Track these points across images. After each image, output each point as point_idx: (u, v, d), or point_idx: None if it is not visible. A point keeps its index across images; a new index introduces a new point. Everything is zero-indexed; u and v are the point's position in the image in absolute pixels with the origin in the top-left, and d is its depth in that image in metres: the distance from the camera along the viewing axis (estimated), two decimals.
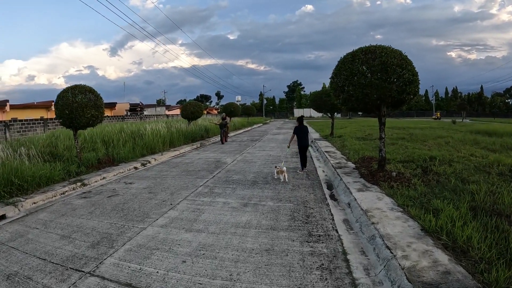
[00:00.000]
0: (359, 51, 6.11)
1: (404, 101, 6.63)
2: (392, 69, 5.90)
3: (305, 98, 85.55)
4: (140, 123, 19.60)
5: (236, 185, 6.90)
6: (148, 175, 8.70)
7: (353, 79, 5.85)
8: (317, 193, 6.16)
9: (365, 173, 7.15)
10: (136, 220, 5.09)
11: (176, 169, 9.21)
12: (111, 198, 6.51)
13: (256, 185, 6.84)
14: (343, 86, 6.09)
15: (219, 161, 10.33)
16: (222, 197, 5.99)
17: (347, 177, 6.96)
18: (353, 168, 7.89)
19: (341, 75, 6.08)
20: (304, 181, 7.12)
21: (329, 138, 15.93)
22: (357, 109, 6.35)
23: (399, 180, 6.43)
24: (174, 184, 7.34)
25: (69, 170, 8.71)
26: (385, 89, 5.76)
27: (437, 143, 12.54)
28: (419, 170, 7.26)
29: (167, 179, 7.96)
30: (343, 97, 6.09)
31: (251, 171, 8.40)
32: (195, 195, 6.29)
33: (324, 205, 5.41)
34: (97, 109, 9.58)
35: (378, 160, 7.26)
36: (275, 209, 5.15)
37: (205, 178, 7.72)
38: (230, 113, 28.40)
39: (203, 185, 7.00)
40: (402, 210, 4.76)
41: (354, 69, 5.87)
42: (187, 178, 7.84)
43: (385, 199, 5.28)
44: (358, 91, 5.80)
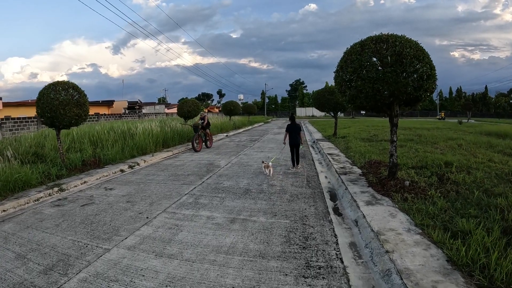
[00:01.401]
0: (368, 40, 5.21)
1: (420, 99, 5.73)
2: (408, 61, 5.01)
3: (308, 97, 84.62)
4: (133, 121, 18.79)
5: (225, 193, 6.04)
6: (132, 179, 7.89)
7: (362, 72, 4.96)
8: (319, 205, 5.28)
9: (373, 181, 6.27)
10: (102, 238, 4.29)
11: (164, 173, 8.38)
12: (84, 208, 5.73)
13: (249, 194, 5.97)
14: (350, 81, 5.19)
15: (212, 163, 9.47)
16: (207, 210, 5.13)
17: (353, 185, 6.08)
18: (359, 175, 7.00)
19: (348, 68, 5.18)
20: (304, 189, 6.25)
21: (332, 139, 15.03)
22: (365, 107, 5.46)
23: (413, 190, 5.56)
24: (157, 191, 6.51)
25: (49, 173, 8.00)
26: (400, 84, 4.87)
27: (449, 145, 11.62)
28: (434, 178, 6.36)
29: (151, 185, 7.13)
30: (350, 93, 5.19)
31: (245, 176, 7.54)
32: (177, 206, 5.45)
33: (326, 222, 4.54)
34: (81, 107, 8.88)
35: (388, 166, 6.37)
36: (267, 228, 4.29)
37: (192, 185, 6.87)
38: (230, 111, 27.54)
39: (189, 194, 6.15)
40: (421, 231, 3.89)
41: (363, 60, 4.97)
42: (173, 184, 7.00)
43: (399, 216, 4.41)
44: (367, 87, 4.91)
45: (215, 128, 21.33)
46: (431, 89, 5.64)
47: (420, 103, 6.23)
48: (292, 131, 8.42)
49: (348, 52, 5.38)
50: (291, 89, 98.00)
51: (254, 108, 38.20)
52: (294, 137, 8.35)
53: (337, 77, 5.58)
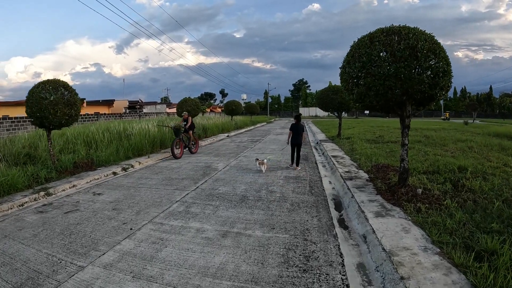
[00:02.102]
0: (378, 32, 4.66)
1: (434, 98, 5.19)
2: (423, 55, 4.46)
3: (311, 97, 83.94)
4: (133, 121, 18.34)
5: (220, 201, 5.53)
6: (124, 183, 7.43)
7: (371, 67, 4.41)
8: (322, 216, 4.75)
9: (382, 188, 5.72)
10: (79, 252, 3.82)
11: (158, 176, 7.89)
12: (67, 215, 5.29)
13: (246, 202, 5.45)
14: (357, 78, 4.65)
15: (209, 166, 8.97)
16: (198, 221, 4.62)
17: (360, 193, 5.55)
18: (366, 180, 6.46)
19: (356, 63, 4.63)
20: (307, 197, 5.71)
21: (336, 140, 14.47)
22: (375, 107, 4.91)
23: (427, 199, 5.03)
24: (147, 197, 6.03)
25: (38, 176, 7.58)
26: (414, 81, 4.33)
27: (459, 148, 11.03)
28: (448, 185, 5.81)
29: (142, 190, 6.65)
30: (358, 91, 4.64)
31: (243, 181, 7.02)
32: (165, 215, 4.95)
33: (330, 236, 4.01)
34: (71, 107, 8.45)
35: (398, 171, 5.83)
36: (263, 244, 3.77)
37: (185, 190, 6.37)
38: (232, 111, 27.05)
39: (180, 201, 5.65)
40: (440, 251, 3.36)
41: (373, 54, 4.42)
42: (165, 190, 6.50)
43: (413, 231, 3.88)
44: (378, 84, 4.36)
45: (216, 128, 20.86)
46: (447, 87, 5.10)
47: (433, 102, 5.69)
48: (296, 130, 8.46)
49: (356, 45, 4.83)
50: (294, 89, 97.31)
51: (256, 107, 37.67)
52: (297, 136, 8.42)
53: (343, 73, 5.03)
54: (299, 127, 8.49)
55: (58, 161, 8.81)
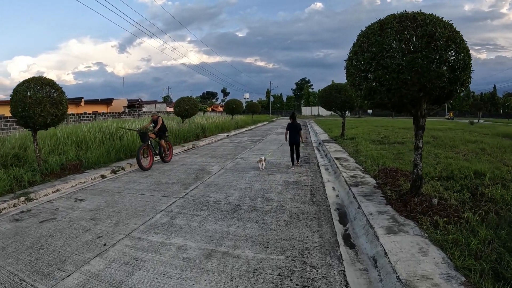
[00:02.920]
0: (390, 18, 4.01)
1: (453, 94, 4.55)
2: (443, 45, 3.82)
3: (313, 96, 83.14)
4: (132, 120, 17.80)
5: (209, 211, 4.91)
6: (110, 188, 6.86)
7: (383, 58, 3.77)
8: (325, 231, 4.12)
9: (392, 197, 5.09)
10: (43, 272, 3.31)
11: (147, 180, 7.31)
12: (42, 225, 4.77)
13: (238, 212, 4.83)
14: (366, 71, 4.01)
15: (203, 169, 8.36)
16: (181, 236, 4.01)
17: (367, 202, 4.91)
18: (374, 187, 5.83)
19: (364, 54, 3.98)
20: (307, 206, 5.08)
21: (339, 140, 13.81)
22: (386, 105, 4.27)
23: (444, 211, 4.40)
24: (130, 205, 5.45)
25: (22, 179, 7.07)
26: (433, 75, 3.69)
27: (470, 149, 10.35)
28: (466, 194, 5.17)
29: (126, 196, 6.08)
30: (367, 87, 3.99)
31: (238, 186, 6.39)
32: (145, 228, 4.35)
33: (334, 258, 3.38)
34: (57, 106, 7.97)
35: (411, 178, 5.19)
36: (254, 269, 3.15)
37: (173, 197, 5.77)
38: (232, 110, 26.43)
39: (165, 210, 5.05)
40: (465, 280, 2.74)
41: (385, 43, 3.78)
42: (151, 196, 5.91)
43: (432, 252, 3.25)
44: (390, 77, 3.72)
45: (215, 127, 20.27)
46: (467, 82, 4.46)
47: (450, 100, 5.06)
48: (292, 129, 8.55)
49: (364, 34, 4.17)
50: (296, 87, 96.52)
51: (258, 106, 37.02)
52: (294, 135, 8.51)
53: (349, 66, 4.38)
54: (296, 126, 8.56)
55: (45, 163, 8.31)
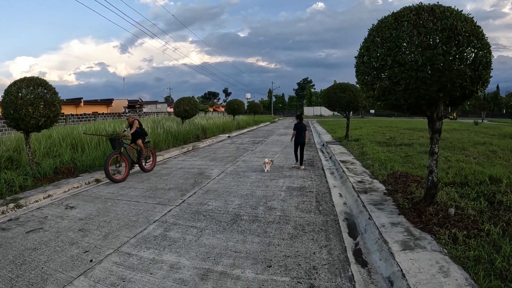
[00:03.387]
0: (406, 11, 3.60)
1: (472, 95, 4.15)
2: (465, 40, 3.43)
3: (316, 96, 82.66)
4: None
5: (207, 222, 4.53)
6: (103, 193, 6.51)
7: (399, 54, 3.37)
8: (334, 245, 3.73)
9: (405, 206, 4.69)
10: None
11: (143, 186, 6.95)
12: (28, 236, 4.45)
13: (238, 223, 4.44)
14: (380, 69, 3.61)
15: (202, 173, 7.98)
16: (174, 252, 3.64)
17: (378, 212, 4.52)
18: (384, 194, 5.43)
19: (378, 50, 3.58)
20: (313, 216, 4.68)
21: (343, 142, 13.40)
22: (401, 106, 3.86)
23: (461, 222, 4.03)
24: (123, 214, 5.08)
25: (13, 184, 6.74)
26: (454, 73, 3.29)
27: (481, 152, 9.93)
28: (483, 202, 4.77)
29: (120, 203, 5.71)
30: (381, 86, 3.59)
31: (239, 193, 6.01)
32: (137, 241, 3.98)
33: (345, 280, 2.99)
34: (50, 107, 7.66)
35: (425, 185, 4.79)
36: None
37: (169, 205, 5.40)
38: (234, 110, 26.05)
39: (159, 221, 4.68)
40: None
41: (401, 37, 3.39)
42: (146, 204, 5.54)
43: (454, 272, 2.87)
44: (408, 76, 3.32)
45: (216, 128, 19.89)
46: (487, 81, 4.06)
47: (468, 101, 4.66)
48: (299, 130, 8.54)
49: (377, 27, 3.77)
50: (298, 88, 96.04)
51: (259, 107, 36.63)
52: (301, 135, 8.50)
53: (359, 64, 3.98)
54: (302, 127, 8.55)
55: (38, 166, 7.99)
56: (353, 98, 12.98)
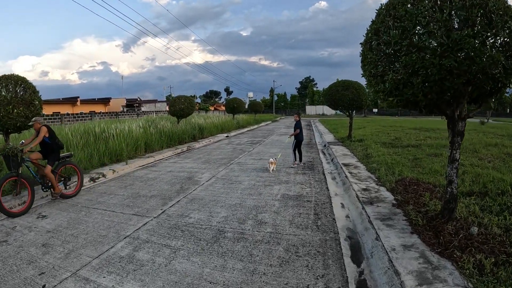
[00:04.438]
0: None
1: (500, 90, 3.44)
2: (499, 20, 2.72)
3: (318, 95, 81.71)
4: (122, 120, 16.85)
5: (184, 239, 3.85)
6: (80, 200, 5.89)
7: (417, 37, 2.66)
8: (332, 275, 3.03)
9: (418, 222, 3.99)
10: None
11: (124, 192, 6.30)
12: None
13: (220, 241, 3.76)
14: (393, 56, 2.90)
15: (191, 178, 7.31)
16: (138, 280, 2.97)
17: (387, 229, 3.83)
18: (392, 205, 4.73)
19: (390, 32, 2.85)
20: (310, 233, 3.98)
21: (346, 143, 12.67)
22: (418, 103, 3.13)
23: (486, 244, 3.36)
24: (93, 227, 4.45)
25: None
26: (487, 61, 2.59)
27: (495, 155, 9.17)
28: (508, 217, 4.07)
29: (94, 213, 5.08)
30: (394, 78, 2.87)
31: (226, 202, 5.31)
32: (99, 263, 3.33)
33: None
34: (28, 107, 7.10)
35: (437, 193, 4.09)
36: None
37: (146, 217, 4.73)
38: (233, 109, 25.35)
39: (130, 236, 4.01)
40: None
41: (420, 14, 2.67)
42: (121, 215, 4.89)
43: None
44: (430, 63, 2.60)
45: (214, 128, 19.23)
46: None
47: (495, 97, 3.94)
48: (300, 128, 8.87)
49: (389, 4, 3.05)
50: (301, 86, 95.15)
51: (260, 105, 35.89)
52: (301, 133, 8.88)
53: (366, 52, 3.26)
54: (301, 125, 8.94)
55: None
56: (356, 96, 12.26)
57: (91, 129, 11.41)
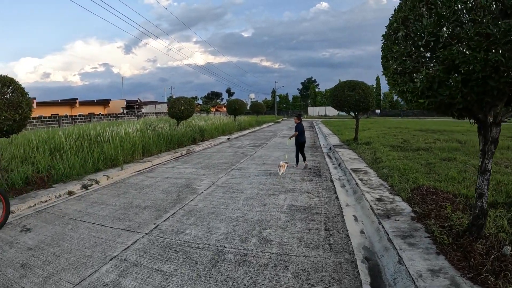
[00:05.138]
0: None
1: None
2: None
3: (320, 96, 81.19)
4: (120, 123, 16.40)
5: (178, 263, 3.37)
6: (69, 211, 5.46)
7: (460, 25, 2.17)
8: None
9: (444, 241, 3.51)
10: None
11: (116, 202, 5.84)
12: None
13: (219, 266, 3.27)
14: (426, 50, 2.40)
15: (189, 185, 6.84)
16: None
17: (410, 249, 3.35)
18: (412, 219, 4.24)
19: (423, 19, 2.32)
20: (321, 254, 3.50)
21: (352, 145, 12.17)
22: (453, 106, 2.64)
23: None
24: (78, 244, 4.00)
25: None
26: None
27: (510, 158, 8.72)
28: None
29: (81, 227, 4.63)
30: (428, 75, 2.36)
31: (227, 215, 4.82)
32: None
33: None
34: (15, 110, 6.69)
35: (472, 212, 3.60)
36: None
37: (137, 232, 4.26)
38: (235, 110, 24.89)
39: (118, 258, 3.54)
40: None
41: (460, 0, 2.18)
42: (110, 230, 4.43)
43: None
44: (473, 58, 2.11)
45: (215, 130, 18.77)
46: None
47: None
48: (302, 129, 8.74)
49: None
50: (302, 87, 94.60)
51: (262, 107, 35.41)
52: (303, 135, 8.75)
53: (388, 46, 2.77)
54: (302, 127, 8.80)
55: (7, 175, 7.05)
56: (363, 97, 11.77)
57: (86, 132, 10.98)
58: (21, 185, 7.04)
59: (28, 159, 8.57)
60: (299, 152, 8.72)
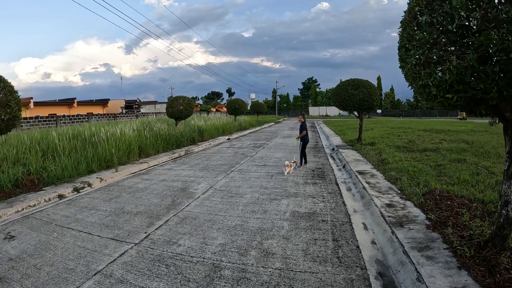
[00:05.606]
0: None
1: None
2: None
3: (321, 96, 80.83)
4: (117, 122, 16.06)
5: (168, 280, 2.98)
6: (56, 217, 5.11)
7: (495, 7, 1.83)
8: None
9: (464, 253, 3.14)
10: None
11: (107, 206, 5.48)
12: None
13: (216, 283, 2.88)
14: (456, 35, 2.03)
15: (185, 189, 6.47)
16: None
17: (428, 264, 2.98)
18: (427, 227, 3.87)
19: (451, 1, 1.98)
20: (330, 269, 3.12)
21: (356, 146, 11.79)
22: (486, 102, 2.28)
23: None
24: (62, 255, 3.64)
25: None
26: None
27: None
28: None
29: (67, 235, 4.28)
30: (458, 66, 1.99)
31: (225, 223, 4.45)
32: None
33: None
34: (4, 109, 6.43)
35: (496, 221, 3.22)
36: None
37: (126, 243, 3.90)
38: (235, 110, 24.53)
39: (102, 273, 3.18)
40: None
41: None
42: (97, 239, 4.06)
43: None
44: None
45: (215, 130, 18.41)
46: None
47: None
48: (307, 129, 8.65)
49: None
50: (303, 87, 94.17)
51: (263, 106, 35.00)
52: (307, 135, 8.63)
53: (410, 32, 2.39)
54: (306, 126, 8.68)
55: None
56: (367, 96, 11.38)
57: (80, 133, 10.63)
58: (10, 188, 6.71)
59: (20, 161, 8.24)
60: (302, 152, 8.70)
